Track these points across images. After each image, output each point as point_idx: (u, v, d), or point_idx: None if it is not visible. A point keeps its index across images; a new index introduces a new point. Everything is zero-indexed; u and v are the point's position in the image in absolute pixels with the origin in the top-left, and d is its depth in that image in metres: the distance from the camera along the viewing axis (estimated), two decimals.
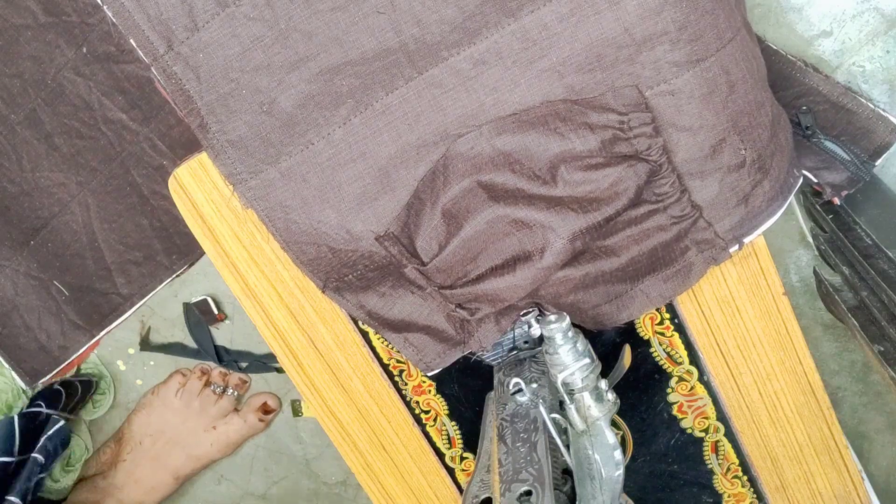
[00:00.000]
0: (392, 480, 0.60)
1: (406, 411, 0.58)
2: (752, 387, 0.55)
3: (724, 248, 0.48)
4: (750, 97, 0.44)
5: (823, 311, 0.71)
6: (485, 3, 0.41)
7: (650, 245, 0.47)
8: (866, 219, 0.59)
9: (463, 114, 0.44)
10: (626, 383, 0.48)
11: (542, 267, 0.45)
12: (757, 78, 0.45)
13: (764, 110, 0.45)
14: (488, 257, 0.47)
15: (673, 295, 0.49)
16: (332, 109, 0.44)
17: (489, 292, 0.47)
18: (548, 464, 0.40)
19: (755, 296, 0.52)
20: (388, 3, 0.41)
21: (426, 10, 0.41)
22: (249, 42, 0.42)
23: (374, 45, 0.42)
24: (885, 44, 0.58)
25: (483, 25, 0.42)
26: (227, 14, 0.42)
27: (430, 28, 0.42)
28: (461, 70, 0.43)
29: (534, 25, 0.42)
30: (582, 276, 0.47)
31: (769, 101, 0.46)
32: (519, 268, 0.46)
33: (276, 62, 0.43)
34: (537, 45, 0.42)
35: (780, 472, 0.58)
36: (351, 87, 0.44)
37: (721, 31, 0.42)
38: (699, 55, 0.41)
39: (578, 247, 0.45)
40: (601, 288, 0.49)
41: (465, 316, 0.48)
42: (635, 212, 0.46)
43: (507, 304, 0.48)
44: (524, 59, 0.42)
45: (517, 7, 0.41)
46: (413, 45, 0.42)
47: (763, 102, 0.45)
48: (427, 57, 0.43)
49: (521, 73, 0.43)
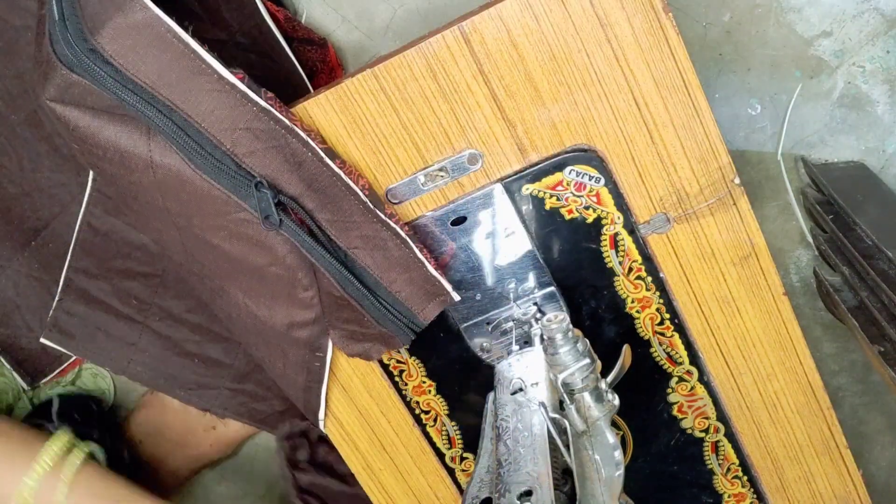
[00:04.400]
0: (392, 480, 0.60)
1: (406, 411, 0.58)
2: (752, 387, 0.55)
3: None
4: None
5: (823, 311, 0.72)
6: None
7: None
8: (866, 219, 0.60)
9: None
10: (626, 383, 0.48)
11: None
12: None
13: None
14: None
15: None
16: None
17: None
18: (548, 464, 0.40)
19: (755, 296, 0.52)
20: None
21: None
22: None
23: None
24: (885, 44, 0.58)
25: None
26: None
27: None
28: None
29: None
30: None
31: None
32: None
33: None
34: None
35: (780, 473, 0.58)
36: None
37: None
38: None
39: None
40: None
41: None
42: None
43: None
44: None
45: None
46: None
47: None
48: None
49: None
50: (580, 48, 0.45)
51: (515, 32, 0.45)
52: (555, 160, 0.49)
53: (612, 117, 0.47)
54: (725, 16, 0.64)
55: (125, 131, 0.42)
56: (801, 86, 0.65)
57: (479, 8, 0.45)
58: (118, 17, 0.40)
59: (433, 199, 0.50)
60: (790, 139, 0.67)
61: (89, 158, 0.45)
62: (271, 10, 0.61)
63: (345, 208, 0.46)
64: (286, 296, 0.48)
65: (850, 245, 0.59)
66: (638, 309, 0.53)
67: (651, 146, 0.48)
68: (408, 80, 0.46)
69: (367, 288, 0.47)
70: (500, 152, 0.48)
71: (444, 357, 0.56)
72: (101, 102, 0.42)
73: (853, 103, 0.65)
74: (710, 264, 0.51)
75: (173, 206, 0.45)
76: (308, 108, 0.47)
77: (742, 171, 0.63)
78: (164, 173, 0.43)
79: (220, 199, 0.44)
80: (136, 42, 0.40)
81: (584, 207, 0.50)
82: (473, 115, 0.47)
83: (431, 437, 0.59)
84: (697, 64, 0.46)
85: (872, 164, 0.67)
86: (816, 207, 0.65)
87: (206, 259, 0.49)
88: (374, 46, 0.67)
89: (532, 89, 0.46)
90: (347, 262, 0.47)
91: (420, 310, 0.49)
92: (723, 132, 0.48)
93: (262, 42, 0.60)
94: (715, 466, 0.58)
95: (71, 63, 0.40)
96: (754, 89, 0.66)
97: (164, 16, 0.40)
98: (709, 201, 0.49)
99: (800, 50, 0.59)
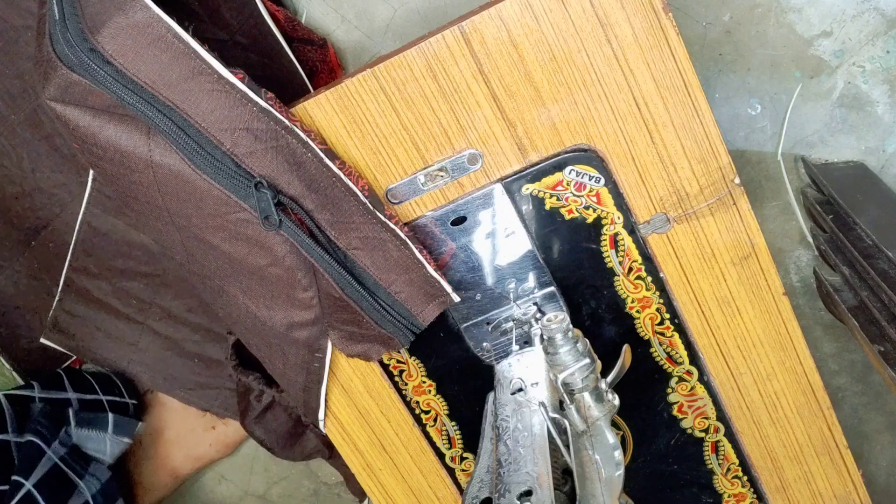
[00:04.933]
0: (392, 480, 0.60)
1: (406, 411, 0.58)
2: (752, 387, 0.55)
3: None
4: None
5: (823, 311, 0.72)
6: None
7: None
8: (866, 219, 0.60)
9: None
10: (626, 383, 0.48)
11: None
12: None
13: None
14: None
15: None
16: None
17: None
18: (548, 464, 0.40)
19: (755, 296, 0.52)
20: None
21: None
22: None
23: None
24: (885, 44, 0.58)
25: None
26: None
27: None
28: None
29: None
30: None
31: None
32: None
33: None
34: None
35: (780, 473, 0.58)
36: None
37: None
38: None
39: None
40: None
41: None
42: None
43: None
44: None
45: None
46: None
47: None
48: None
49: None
50: (580, 48, 0.45)
51: (515, 32, 0.45)
52: (555, 160, 0.49)
53: (612, 117, 0.47)
54: (725, 16, 0.64)
55: (125, 131, 0.43)
56: (801, 86, 0.65)
57: (479, 8, 0.45)
58: (118, 16, 0.40)
59: (433, 199, 0.50)
60: (790, 139, 0.67)
61: (89, 158, 0.45)
62: (271, 10, 0.61)
63: (344, 209, 0.46)
64: (285, 296, 0.48)
65: (850, 245, 0.59)
66: (638, 309, 0.53)
67: (651, 146, 0.48)
68: (408, 80, 0.46)
69: (366, 289, 0.47)
70: (500, 152, 0.48)
71: (444, 357, 0.56)
72: (101, 102, 0.42)
73: (853, 103, 0.65)
74: (710, 264, 0.51)
75: (173, 206, 0.45)
76: (308, 108, 0.47)
77: (742, 171, 0.63)
78: (164, 173, 0.43)
79: (220, 199, 0.44)
80: (136, 42, 0.40)
81: (584, 207, 0.50)
82: (473, 115, 0.47)
83: (431, 437, 0.59)
84: (697, 64, 0.46)
85: (872, 164, 0.67)
86: (816, 207, 0.65)
87: (206, 259, 0.49)
88: (374, 46, 0.67)
89: (532, 89, 0.46)
90: (347, 262, 0.47)
91: (419, 311, 0.49)
92: (723, 132, 0.48)
93: (262, 42, 0.60)
94: (715, 466, 0.58)
95: (71, 63, 0.40)
96: (754, 89, 0.66)
97: (165, 15, 0.40)
98: (709, 201, 0.49)
99: (800, 50, 0.59)
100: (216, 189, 0.43)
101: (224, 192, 0.43)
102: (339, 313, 0.49)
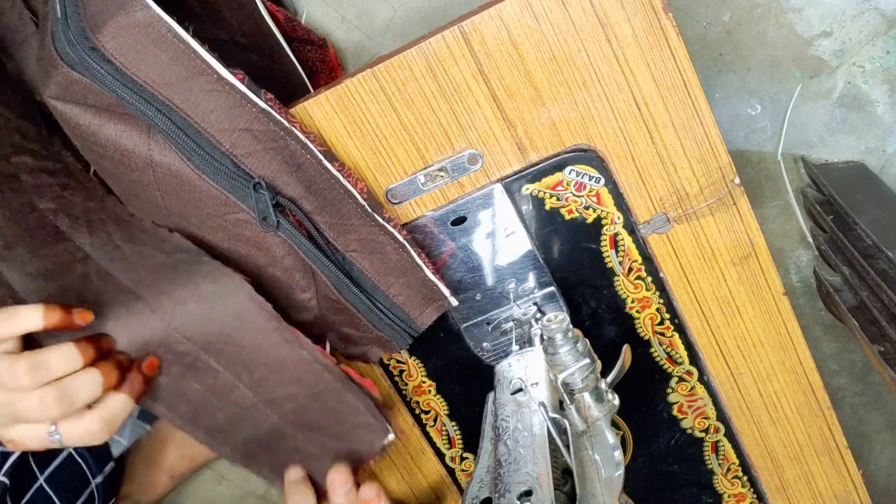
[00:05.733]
0: (392, 480, 0.60)
1: (406, 411, 0.58)
2: (752, 387, 0.55)
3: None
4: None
5: (823, 311, 0.72)
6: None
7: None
8: (866, 219, 0.60)
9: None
10: (626, 383, 0.48)
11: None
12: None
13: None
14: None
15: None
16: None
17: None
18: (548, 464, 0.40)
19: (755, 296, 0.52)
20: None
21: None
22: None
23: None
24: (885, 44, 0.58)
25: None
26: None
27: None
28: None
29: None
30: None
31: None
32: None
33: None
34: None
35: (780, 473, 0.58)
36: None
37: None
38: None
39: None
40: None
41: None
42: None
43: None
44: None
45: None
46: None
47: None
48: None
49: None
50: (580, 48, 0.45)
51: (515, 32, 0.45)
52: (555, 160, 0.49)
53: (612, 117, 0.47)
54: (725, 16, 0.64)
55: (125, 130, 0.43)
56: (801, 86, 0.65)
57: (479, 8, 0.45)
58: (119, 15, 0.40)
59: (433, 199, 0.50)
60: (790, 139, 0.67)
61: (90, 156, 0.45)
62: (271, 10, 0.61)
63: (343, 211, 0.46)
64: (284, 297, 0.48)
65: (850, 245, 0.59)
66: (638, 309, 0.53)
67: (651, 146, 0.48)
68: (408, 80, 0.46)
69: (363, 292, 0.47)
70: (500, 152, 0.48)
71: (444, 357, 0.56)
72: (101, 101, 0.42)
73: (853, 103, 0.65)
74: (710, 264, 0.51)
75: (173, 205, 0.45)
76: (308, 108, 0.47)
77: (742, 171, 0.63)
78: (164, 172, 0.43)
79: (219, 200, 0.44)
80: (136, 41, 0.40)
81: (584, 207, 0.50)
82: (473, 115, 0.47)
83: (431, 437, 0.59)
84: (697, 64, 0.46)
85: (872, 164, 0.67)
86: (816, 207, 0.65)
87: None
88: (374, 46, 0.67)
89: (532, 89, 0.46)
90: (345, 265, 0.47)
91: (417, 315, 0.49)
92: (723, 132, 0.48)
93: (262, 42, 0.60)
94: (715, 466, 0.58)
95: (72, 61, 0.40)
96: (754, 89, 0.66)
97: (165, 15, 0.40)
98: (709, 201, 0.49)
99: (800, 50, 0.59)
100: (215, 189, 0.43)
101: (223, 192, 0.43)
102: (337, 315, 0.49)
